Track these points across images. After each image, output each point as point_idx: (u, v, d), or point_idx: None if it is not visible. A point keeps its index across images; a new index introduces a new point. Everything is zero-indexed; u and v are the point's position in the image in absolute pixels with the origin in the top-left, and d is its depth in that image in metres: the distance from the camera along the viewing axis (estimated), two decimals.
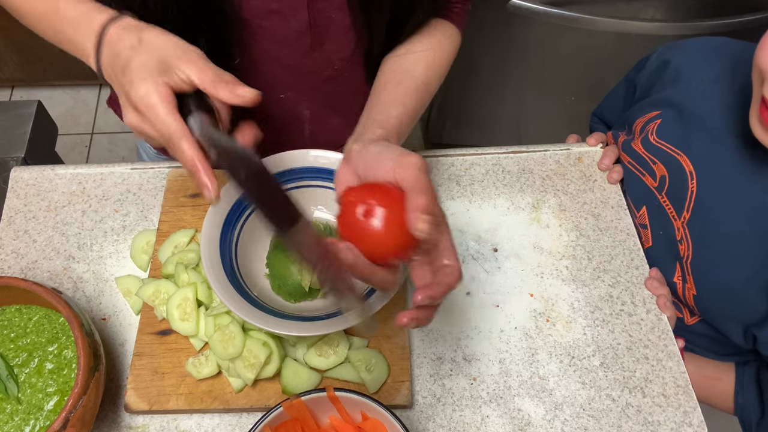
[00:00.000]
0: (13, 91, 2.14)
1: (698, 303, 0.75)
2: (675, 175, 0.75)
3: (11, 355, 0.61)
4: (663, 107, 0.79)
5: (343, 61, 0.72)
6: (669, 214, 0.76)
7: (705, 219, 0.72)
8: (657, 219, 0.78)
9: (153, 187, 0.81)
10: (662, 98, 0.80)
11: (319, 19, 0.66)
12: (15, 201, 0.79)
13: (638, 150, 0.80)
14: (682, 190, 0.74)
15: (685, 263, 0.75)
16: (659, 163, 0.77)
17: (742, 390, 0.77)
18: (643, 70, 0.86)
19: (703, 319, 0.78)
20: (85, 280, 0.74)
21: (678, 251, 0.75)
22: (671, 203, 0.76)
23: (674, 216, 0.75)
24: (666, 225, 0.76)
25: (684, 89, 0.77)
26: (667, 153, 0.76)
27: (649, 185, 0.78)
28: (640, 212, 0.80)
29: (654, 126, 0.78)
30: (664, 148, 0.76)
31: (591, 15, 1.41)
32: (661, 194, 0.77)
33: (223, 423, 0.65)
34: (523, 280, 0.75)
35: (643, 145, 0.79)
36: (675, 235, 0.75)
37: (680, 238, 0.75)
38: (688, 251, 0.74)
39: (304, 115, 0.78)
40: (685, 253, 0.74)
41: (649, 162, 0.78)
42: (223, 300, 0.59)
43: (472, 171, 0.84)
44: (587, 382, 0.68)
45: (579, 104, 1.73)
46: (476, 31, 1.50)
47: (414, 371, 0.68)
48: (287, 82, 0.73)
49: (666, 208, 0.76)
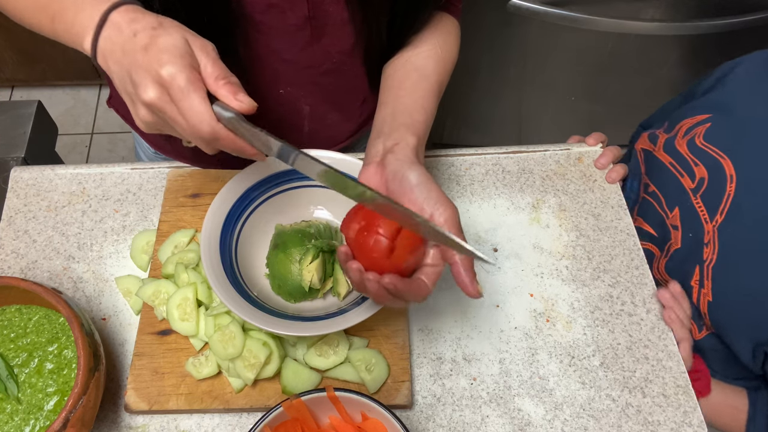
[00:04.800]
0: (13, 91, 2.14)
1: (711, 311, 0.74)
2: (715, 177, 0.75)
3: (11, 355, 0.61)
4: (714, 111, 0.79)
5: (342, 55, 0.72)
6: (701, 216, 0.75)
7: (739, 224, 0.72)
8: (689, 221, 0.77)
9: (153, 187, 0.81)
10: (716, 101, 0.80)
11: (317, 13, 0.66)
12: (15, 201, 0.79)
13: (681, 150, 0.79)
14: (719, 193, 0.74)
15: (707, 267, 0.74)
16: (701, 165, 0.77)
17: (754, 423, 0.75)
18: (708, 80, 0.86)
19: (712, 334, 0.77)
20: (85, 280, 0.74)
21: (702, 254, 0.75)
22: (705, 206, 0.75)
23: (706, 219, 0.74)
24: (696, 227, 0.76)
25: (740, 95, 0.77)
26: (711, 155, 0.76)
27: (685, 186, 0.78)
28: (672, 213, 0.79)
29: (702, 129, 0.78)
30: (709, 150, 0.76)
31: (591, 15, 1.41)
32: (696, 196, 0.76)
33: (223, 423, 0.65)
34: (523, 280, 0.75)
35: (688, 146, 0.79)
36: (703, 238, 0.75)
37: (708, 241, 0.74)
38: (713, 255, 0.73)
39: (303, 111, 0.78)
40: (709, 257, 0.74)
41: (690, 163, 0.78)
42: (223, 300, 0.59)
43: (472, 171, 0.84)
44: (587, 382, 0.68)
45: (579, 104, 1.73)
46: (476, 31, 1.49)
47: (414, 371, 0.68)
48: (287, 77, 0.73)
49: (699, 211, 0.76)
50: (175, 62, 0.47)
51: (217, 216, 0.65)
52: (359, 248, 0.52)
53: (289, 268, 0.64)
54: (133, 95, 0.50)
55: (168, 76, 0.47)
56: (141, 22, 0.50)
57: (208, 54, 0.50)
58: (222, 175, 0.79)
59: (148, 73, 0.48)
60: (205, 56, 0.50)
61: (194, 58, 0.49)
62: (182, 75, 0.47)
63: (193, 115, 0.48)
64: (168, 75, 0.47)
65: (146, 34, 0.49)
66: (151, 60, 0.48)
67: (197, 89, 0.48)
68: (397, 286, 0.50)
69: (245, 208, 0.68)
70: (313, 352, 0.65)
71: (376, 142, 0.60)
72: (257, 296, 0.63)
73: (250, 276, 0.66)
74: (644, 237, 0.86)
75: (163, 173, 0.82)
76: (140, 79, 0.48)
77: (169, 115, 0.49)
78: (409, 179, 0.53)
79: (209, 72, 0.50)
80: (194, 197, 0.77)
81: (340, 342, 0.66)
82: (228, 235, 0.65)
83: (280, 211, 0.71)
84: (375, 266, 0.51)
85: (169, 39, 0.48)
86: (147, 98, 0.48)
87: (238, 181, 0.67)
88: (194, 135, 0.50)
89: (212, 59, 0.50)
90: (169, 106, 0.49)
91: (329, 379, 0.65)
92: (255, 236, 0.69)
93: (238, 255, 0.66)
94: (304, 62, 0.71)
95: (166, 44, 0.48)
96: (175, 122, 0.50)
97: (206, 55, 0.50)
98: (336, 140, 0.84)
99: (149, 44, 0.48)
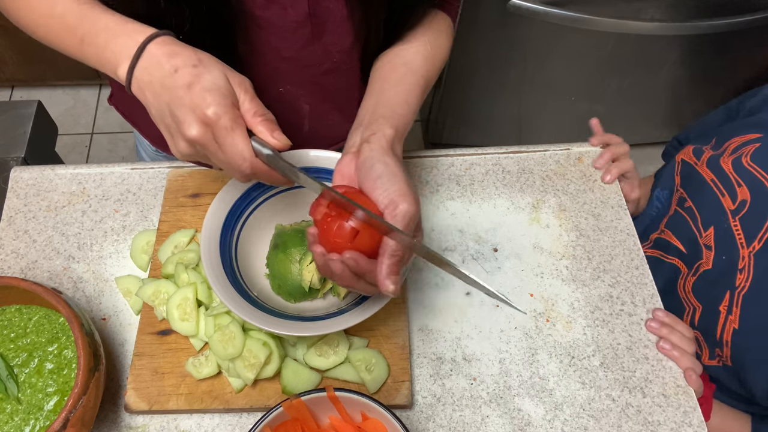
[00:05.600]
0: (13, 91, 2.14)
1: (735, 339, 0.72)
2: (757, 201, 0.72)
3: (11, 355, 0.61)
4: (766, 131, 0.76)
5: (341, 54, 0.72)
6: (738, 240, 0.73)
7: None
8: (723, 242, 0.75)
9: (153, 187, 0.81)
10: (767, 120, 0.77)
11: (318, 10, 0.66)
12: (15, 201, 0.79)
13: (725, 168, 0.76)
14: (759, 219, 0.71)
15: (738, 294, 0.72)
16: (744, 187, 0.74)
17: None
18: (755, 97, 0.83)
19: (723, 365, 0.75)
20: (85, 280, 0.74)
21: (735, 280, 0.72)
22: (743, 229, 0.73)
23: (743, 243, 0.72)
24: (731, 250, 0.74)
25: None
26: (756, 178, 0.73)
27: (725, 206, 0.75)
28: (707, 232, 0.77)
29: (751, 149, 0.75)
30: (754, 172, 0.73)
31: (591, 15, 1.41)
32: (735, 218, 0.74)
33: (223, 423, 0.65)
34: (523, 280, 0.75)
35: (733, 165, 0.76)
36: (738, 263, 0.72)
37: (742, 267, 0.72)
38: (746, 282, 0.71)
39: (303, 110, 0.78)
40: (742, 284, 0.71)
41: (733, 183, 0.75)
42: (223, 300, 0.59)
43: (472, 171, 0.84)
44: (587, 382, 0.68)
45: (579, 104, 1.73)
46: (476, 31, 1.50)
47: (414, 371, 0.68)
48: (287, 76, 0.73)
49: (735, 233, 0.73)
50: (219, 102, 0.50)
51: (217, 216, 0.65)
52: (324, 233, 0.53)
53: (289, 268, 0.64)
54: (173, 129, 0.53)
55: (213, 116, 0.50)
56: (181, 57, 0.52)
57: (246, 90, 0.53)
58: (222, 175, 0.79)
59: (192, 112, 0.50)
60: (244, 92, 0.53)
61: (235, 96, 0.52)
62: (227, 116, 0.50)
63: (235, 153, 0.51)
64: (213, 115, 0.50)
65: (188, 72, 0.51)
66: (195, 99, 0.50)
67: (239, 128, 0.51)
68: (358, 262, 0.51)
69: (245, 208, 0.68)
70: (313, 352, 0.65)
71: (355, 133, 0.60)
72: (257, 296, 0.63)
73: (250, 276, 0.66)
74: (671, 252, 0.84)
75: (163, 173, 0.82)
76: (184, 116, 0.51)
77: (210, 151, 0.52)
78: (374, 170, 0.54)
79: (247, 107, 0.53)
80: (194, 197, 0.77)
81: (340, 342, 0.66)
82: (228, 235, 0.65)
83: (280, 211, 0.71)
84: (338, 250, 0.52)
85: (211, 78, 0.51)
86: (191, 135, 0.51)
87: (238, 181, 0.67)
88: (233, 170, 0.53)
89: (250, 95, 0.53)
90: (211, 144, 0.52)
91: (329, 379, 0.65)
92: (255, 236, 0.69)
93: (238, 255, 0.66)
94: (304, 61, 0.72)
95: (210, 84, 0.51)
96: (216, 157, 0.53)
97: (245, 92, 0.53)
98: (336, 139, 0.84)
99: (192, 83, 0.51)
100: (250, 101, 0.53)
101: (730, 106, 0.89)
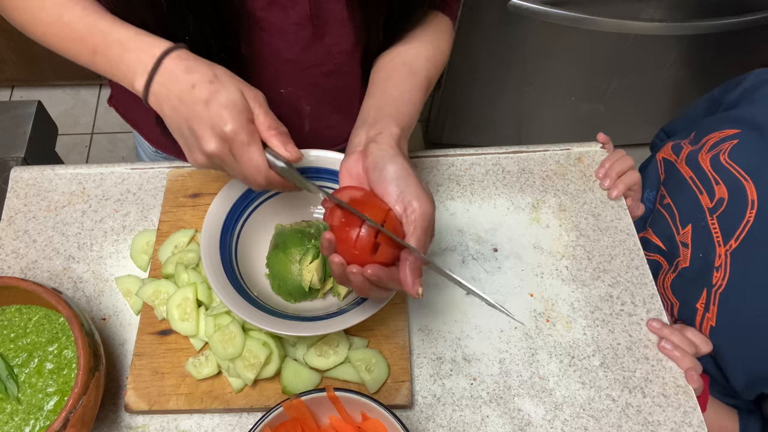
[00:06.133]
0: (13, 91, 2.14)
1: (713, 336, 0.73)
2: (735, 200, 0.72)
3: (11, 355, 0.61)
4: (744, 126, 0.75)
5: (342, 56, 0.72)
6: (714, 238, 0.73)
7: (753, 253, 0.69)
8: (701, 240, 0.75)
9: (153, 187, 0.81)
10: (746, 116, 0.76)
11: (319, 11, 0.66)
12: (15, 201, 0.79)
13: (704, 165, 0.76)
14: (737, 218, 0.71)
15: (715, 292, 0.72)
16: (722, 185, 0.74)
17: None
18: (735, 89, 0.82)
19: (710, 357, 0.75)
20: (85, 280, 0.74)
21: (711, 278, 0.72)
22: (720, 228, 0.73)
23: (719, 242, 0.72)
24: (708, 248, 0.74)
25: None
26: (734, 176, 0.73)
27: (702, 204, 0.75)
28: (684, 230, 0.77)
29: (729, 146, 0.75)
30: (732, 170, 0.73)
31: (591, 15, 1.41)
32: (712, 216, 0.74)
33: (223, 423, 0.65)
34: (523, 280, 0.75)
35: (711, 162, 0.76)
36: (714, 261, 0.72)
37: (719, 265, 0.72)
38: (723, 280, 0.71)
39: (304, 111, 0.78)
40: (719, 282, 0.72)
41: (711, 181, 0.75)
42: (223, 300, 0.59)
43: (472, 171, 0.84)
44: (587, 382, 0.68)
45: (579, 104, 1.73)
46: (476, 31, 1.50)
47: (414, 371, 0.68)
48: (288, 77, 0.73)
49: (713, 232, 0.73)
50: (236, 118, 0.53)
51: (217, 216, 0.65)
52: (342, 243, 0.52)
53: (289, 268, 0.64)
54: (192, 142, 0.55)
55: (231, 132, 0.52)
56: (197, 73, 0.54)
57: (260, 104, 0.55)
58: (222, 175, 0.79)
59: (210, 128, 0.53)
60: (258, 106, 0.55)
61: (250, 111, 0.54)
62: (243, 132, 0.53)
63: (251, 166, 0.54)
64: (231, 131, 0.52)
65: (205, 87, 0.53)
66: (213, 116, 0.52)
67: (255, 143, 0.54)
68: (381, 276, 0.50)
69: (245, 208, 0.68)
70: (313, 352, 0.65)
71: (359, 131, 0.59)
72: (257, 296, 0.63)
73: (250, 276, 0.66)
74: (651, 249, 0.84)
75: (163, 173, 0.82)
76: (202, 132, 0.53)
77: (227, 164, 0.55)
78: (387, 171, 0.53)
79: (261, 121, 0.55)
80: (194, 197, 0.77)
81: (340, 342, 0.66)
82: (228, 235, 0.65)
83: (280, 211, 0.71)
84: (358, 261, 0.51)
85: (227, 94, 0.53)
86: (209, 149, 0.53)
87: (238, 181, 0.67)
88: (249, 181, 0.56)
89: (264, 110, 0.55)
90: (228, 158, 0.54)
91: (329, 379, 0.65)
92: (255, 236, 0.69)
93: (238, 255, 0.66)
94: (305, 62, 0.72)
95: (226, 101, 0.53)
96: (233, 169, 0.56)
97: (259, 106, 0.55)
98: (336, 141, 0.84)
99: (210, 99, 0.52)
100: (264, 115, 0.55)
101: (713, 95, 0.89)
